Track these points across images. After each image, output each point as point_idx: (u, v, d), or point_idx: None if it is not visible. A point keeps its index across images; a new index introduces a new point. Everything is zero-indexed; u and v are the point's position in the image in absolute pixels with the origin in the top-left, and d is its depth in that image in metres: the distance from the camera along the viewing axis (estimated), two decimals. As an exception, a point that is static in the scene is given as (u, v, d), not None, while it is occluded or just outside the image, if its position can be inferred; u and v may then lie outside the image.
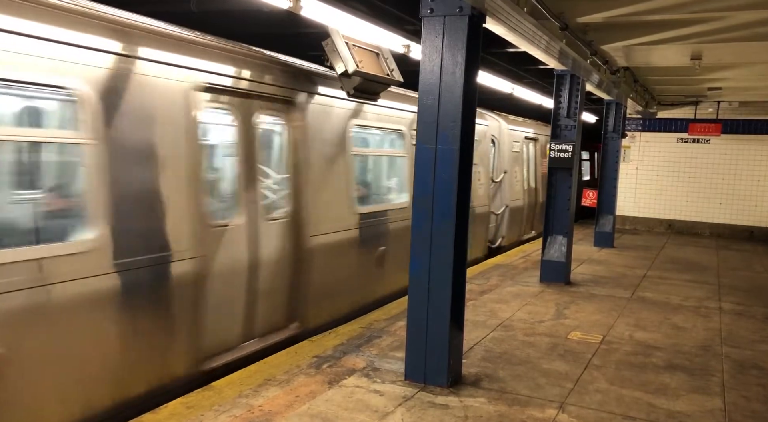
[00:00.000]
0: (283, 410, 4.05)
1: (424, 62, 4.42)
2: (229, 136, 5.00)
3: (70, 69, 3.56)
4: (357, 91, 5.90)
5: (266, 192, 5.42)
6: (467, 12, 4.26)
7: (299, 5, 4.73)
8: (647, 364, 5.30)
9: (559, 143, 8.25)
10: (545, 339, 5.87)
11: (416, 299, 4.59)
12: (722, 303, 7.74)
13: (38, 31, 3.39)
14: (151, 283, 4.10)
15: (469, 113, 4.46)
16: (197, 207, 4.45)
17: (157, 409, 4.00)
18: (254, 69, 5.09)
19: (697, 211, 14.76)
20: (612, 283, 8.61)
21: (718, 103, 14.19)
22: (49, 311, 3.46)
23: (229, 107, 4.92)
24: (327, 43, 5.58)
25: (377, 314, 6.44)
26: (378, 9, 6.38)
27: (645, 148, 15.13)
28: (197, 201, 4.45)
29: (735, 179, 14.35)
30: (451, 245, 4.44)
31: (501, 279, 8.55)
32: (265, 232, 5.29)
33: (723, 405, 4.51)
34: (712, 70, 9.75)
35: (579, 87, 8.26)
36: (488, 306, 7.02)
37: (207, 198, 4.65)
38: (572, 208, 8.41)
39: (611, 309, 7.12)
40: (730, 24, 6.64)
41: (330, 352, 5.20)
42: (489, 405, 4.30)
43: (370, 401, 4.26)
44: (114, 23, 3.89)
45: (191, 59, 4.40)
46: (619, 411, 4.29)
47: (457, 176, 4.38)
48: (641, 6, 6.05)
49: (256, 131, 5.20)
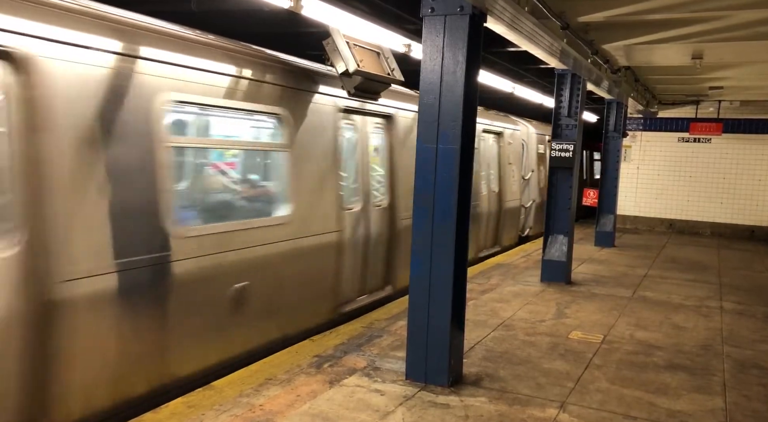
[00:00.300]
0: (284, 409, 4.05)
1: (425, 61, 4.42)
2: (352, 143, 6.60)
3: (282, 104, 5.29)
4: (358, 91, 5.91)
5: (374, 184, 6.98)
6: (468, 11, 4.26)
7: (300, 5, 4.73)
8: (648, 364, 5.30)
9: (560, 142, 8.25)
10: (546, 338, 5.87)
11: (417, 298, 4.59)
12: (723, 302, 7.73)
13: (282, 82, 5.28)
14: (317, 246, 5.74)
15: (470, 112, 4.46)
16: (338, 195, 6.05)
17: (157, 408, 4.00)
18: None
19: (698, 210, 14.75)
20: (613, 283, 8.61)
21: (719, 103, 14.17)
22: (270, 259, 5.13)
23: (353, 122, 6.53)
24: (328, 42, 5.59)
25: (378, 314, 6.44)
26: (379, 8, 6.38)
27: (646, 147, 15.12)
28: (337, 191, 6.06)
29: (736, 178, 14.34)
30: (451, 244, 4.44)
31: (502, 278, 8.55)
32: (373, 215, 6.83)
33: (724, 404, 4.51)
34: (713, 69, 9.75)
35: (580, 86, 8.25)
36: (489, 305, 7.02)
37: (341, 189, 6.17)
38: (573, 208, 8.41)
39: (612, 309, 7.11)
40: (731, 23, 6.64)
41: (331, 352, 5.20)
42: (490, 404, 4.30)
43: (371, 400, 4.26)
44: (315, 73, 5.84)
45: (337, 90, 5.99)
46: (620, 411, 4.29)
47: (458, 175, 4.38)
48: (642, 5, 6.04)
49: (369, 140, 6.85)
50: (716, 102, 14.15)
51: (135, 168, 3.97)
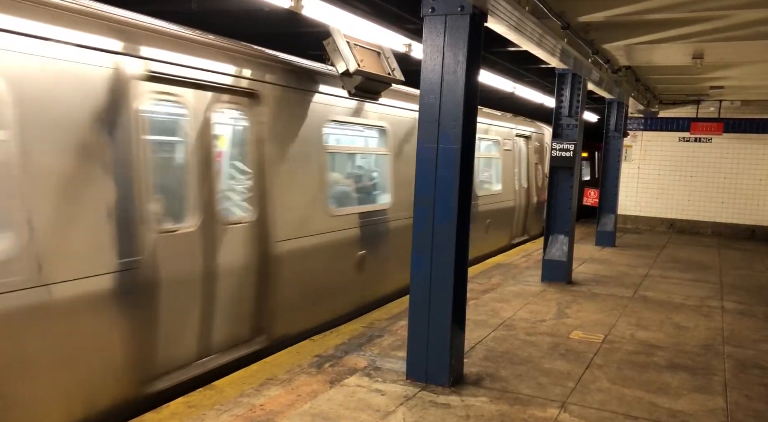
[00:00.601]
0: (284, 409, 4.05)
1: (426, 61, 4.42)
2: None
3: (385, 118, 7.02)
4: (358, 91, 5.91)
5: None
6: (468, 11, 4.25)
7: (300, 4, 4.73)
8: (649, 363, 5.29)
9: (561, 142, 8.25)
10: (547, 338, 5.86)
11: (418, 298, 4.59)
12: (724, 302, 7.73)
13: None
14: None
15: (471, 112, 4.46)
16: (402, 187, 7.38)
17: (158, 408, 4.00)
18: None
19: (698, 210, 14.74)
20: (614, 282, 8.60)
21: (719, 102, 14.16)
22: (375, 234, 6.81)
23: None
24: (328, 42, 5.59)
25: (378, 313, 6.44)
26: (379, 8, 6.38)
27: (647, 147, 15.11)
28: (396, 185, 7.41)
29: (737, 178, 14.33)
30: (452, 244, 4.44)
31: (502, 278, 8.55)
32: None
33: (725, 404, 4.50)
34: (714, 68, 9.74)
35: (580, 86, 8.24)
36: (490, 305, 7.01)
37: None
38: (573, 207, 8.41)
39: (613, 309, 7.11)
40: (731, 23, 6.63)
41: (331, 351, 5.20)
42: (490, 404, 4.30)
43: (372, 400, 4.26)
44: (407, 95, 7.38)
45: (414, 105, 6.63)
46: (621, 411, 4.29)
47: (458, 175, 4.38)
48: (642, 5, 6.04)
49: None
50: (717, 101, 14.14)
51: (313, 168, 5.81)
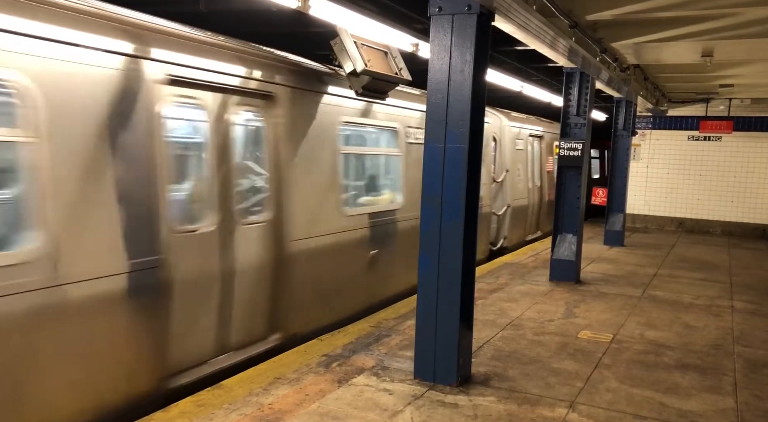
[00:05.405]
0: (293, 408, 4.06)
1: (433, 61, 4.41)
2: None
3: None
4: (365, 90, 5.91)
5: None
6: (476, 10, 4.24)
7: (307, 4, 4.74)
8: (658, 363, 5.27)
9: (569, 141, 8.22)
10: (555, 338, 5.85)
11: (425, 298, 4.59)
12: (734, 301, 7.68)
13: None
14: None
15: (478, 111, 4.45)
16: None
17: (167, 407, 4.02)
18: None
19: (708, 209, 14.64)
20: (622, 282, 8.56)
21: (729, 100, 14.07)
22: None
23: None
24: (335, 42, 5.59)
25: (386, 313, 6.44)
26: (386, 8, 6.38)
27: (655, 145, 15.03)
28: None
29: (747, 177, 14.23)
30: (460, 244, 4.43)
31: (510, 277, 8.53)
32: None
33: (735, 404, 4.47)
34: (724, 67, 9.67)
35: (588, 85, 8.21)
36: (498, 305, 7.00)
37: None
38: (582, 207, 8.38)
39: (622, 308, 7.08)
40: (741, 20, 6.59)
41: (339, 351, 5.20)
42: (498, 404, 4.29)
43: (380, 400, 4.27)
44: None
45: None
46: (630, 411, 4.27)
47: (466, 175, 4.37)
48: (651, 3, 6.01)
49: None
50: (727, 100, 14.05)
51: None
